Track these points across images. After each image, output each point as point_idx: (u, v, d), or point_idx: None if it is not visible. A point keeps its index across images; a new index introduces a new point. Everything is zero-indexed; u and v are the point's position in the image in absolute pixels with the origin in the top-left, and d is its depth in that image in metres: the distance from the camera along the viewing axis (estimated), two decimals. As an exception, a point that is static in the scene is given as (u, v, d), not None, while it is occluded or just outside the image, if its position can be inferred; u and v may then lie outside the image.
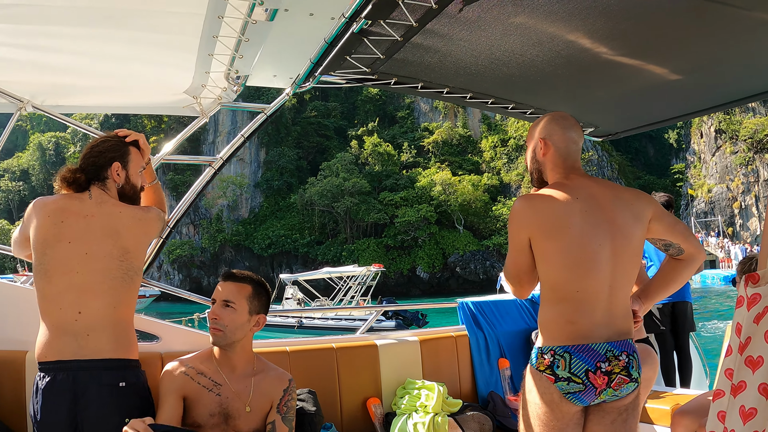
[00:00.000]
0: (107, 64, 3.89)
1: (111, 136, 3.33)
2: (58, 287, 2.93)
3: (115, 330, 2.96)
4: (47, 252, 2.97)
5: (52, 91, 4.28)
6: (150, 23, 3.32)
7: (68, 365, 2.84)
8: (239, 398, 3.02)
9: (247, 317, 3.09)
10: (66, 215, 3.03)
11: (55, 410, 2.80)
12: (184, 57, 3.63)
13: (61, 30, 3.46)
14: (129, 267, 3.05)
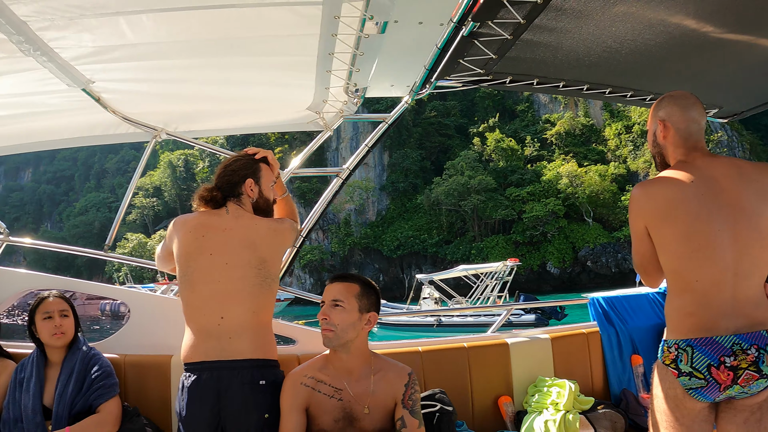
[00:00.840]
0: (232, 89, 4.17)
1: (242, 155, 3.57)
2: (201, 295, 3.19)
3: (255, 333, 3.17)
4: (191, 264, 3.24)
5: (184, 118, 4.67)
6: (269, 48, 3.55)
7: (212, 365, 3.08)
8: (360, 400, 3.07)
9: (358, 315, 3.11)
10: (206, 230, 3.29)
11: (199, 407, 3.05)
12: (304, 76, 3.83)
13: (189, 62, 3.78)
14: (266, 275, 3.26)
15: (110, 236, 4.79)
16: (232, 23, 3.29)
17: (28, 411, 3.51)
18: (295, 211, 3.81)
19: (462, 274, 36.94)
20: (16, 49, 3.50)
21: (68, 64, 3.75)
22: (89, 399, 3.56)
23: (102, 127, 4.79)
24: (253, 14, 3.19)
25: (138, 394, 3.93)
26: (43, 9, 3.17)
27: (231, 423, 3.04)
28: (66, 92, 4.10)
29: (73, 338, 3.72)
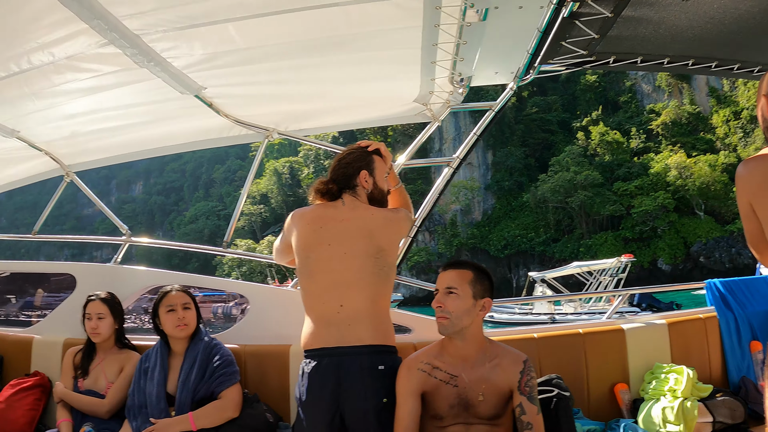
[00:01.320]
0: (340, 86, 4.30)
1: (355, 148, 3.64)
2: (321, 285, 3.28)
3: (373, 320, 3.23)
4: (310, 255, 3.34)
5: (294, 117, 4.84)
6: (374, 43, 3.64)
7: (332, 351, 3.16)
8: (475, 387, 3.07)
9: (472, 302, 3.11)
10: (324, 221, 3.38)
11: (319, 391, 3.13)
12: (410, 68, 3.90)
13: (297, 62, 3.92)
14: (384, 263, 3.31)
15: (228, 233, 5.04)
16: (336, 21, 3.39)
17: (152, 398, 3.74)
18: (409, 201, 3.84)
19: (575, 271, 36.08)
20: (130, 62, 3.73)
21: (180, 72, 3.97)
22: (211, 386, 3.75)
23: (216, 131, 5.06)
24: (356, 11, 3.27)
25: (257, 382, 4.10)
26: (155, 22, 3.36)
27: (349, 407, 3.10)
28: (180, 99, 4.34)
29: (195, 330, 3.92)
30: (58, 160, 5.73)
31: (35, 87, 4.16)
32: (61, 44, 3.61)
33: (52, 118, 4.76)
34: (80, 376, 4.15)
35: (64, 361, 4.30)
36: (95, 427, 3.87)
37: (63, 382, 4.18)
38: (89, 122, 4.88)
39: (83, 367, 4.17)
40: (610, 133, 76.78)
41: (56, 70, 3.92)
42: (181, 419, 3.61)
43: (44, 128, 5.01)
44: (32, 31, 3.48)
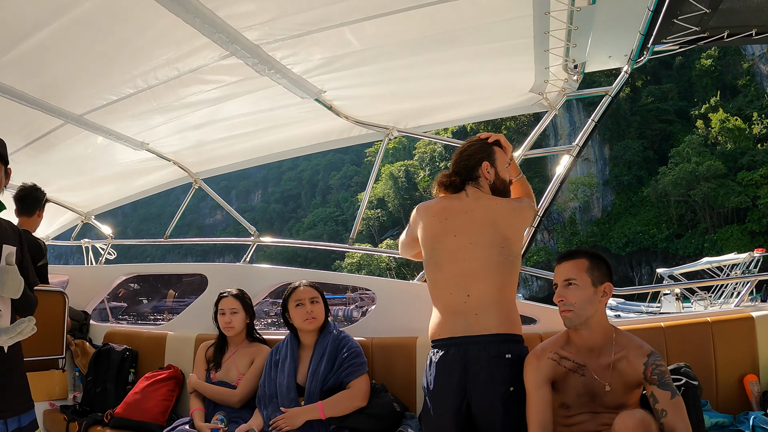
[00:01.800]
0: (456, 81, 4.33)
1: (475, 140, 3.64)
2: (447, 275, 3.31)
3: (500, 309, 3.21)
4: (436, 246, 3.38)
5: (412, 114, 4.93)
6: (486, 36, 3.65)
7: (459, 341, 3.17)
8: (601, 377, 3.00)
9: (592, 290, 3.04)
10: (449, 213, 3.41)
11: (447, 380, 3.16)
12: (523, 59, 3.89)
13: (413, 60, 3.99)
14: (509, 252, 3.30)
15: (354, 230, 5.18)
16: (449, 17, 3.42)
17: (282, 388, 3.88)
18: (531, 191, 3.81)
19: (705, 267, 34.32)
20: (251, 71, 3.92)
21: (300, 77, 4.13)
22: (340, 376, 3.84)
23: (336, 132, 5.22)
24: (467, 5, 3.30)
25: (385, 373, 4.18)
26: (273, 31, 3.51)
27: (477, 396, 3.10)
28: (300, 104, 4.51)
29: (324, 323, 4.04)
30: (185, 168, 6.09)
31: (162, 101, 4.44)
32: (185, 59, 3.85)
33: (178, 129, 5.08)
34: (212, 369, 4.37)
35: (197, 354, 4.56)
36: (227, 416, 4.05)
37: (196, 374, 4.42)
38: (214, 131, 5.15)
39: (215, 360, 4.39)
40: (731, 119, 72.65)
41: (181, 84, 4.17)
42: (311, 408, 3.72)
43: (171, 139, 5.35)
44: (158, 49, 3.73)
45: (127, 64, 3.93)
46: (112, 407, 4.67)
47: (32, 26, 3.41)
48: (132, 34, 3.56)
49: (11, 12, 3.26)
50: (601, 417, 2.97)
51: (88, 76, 4.13)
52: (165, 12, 3.19)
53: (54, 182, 6.14)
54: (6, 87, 4.08)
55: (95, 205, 7.19)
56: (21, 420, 2.93)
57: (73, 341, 5.43)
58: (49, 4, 3.21)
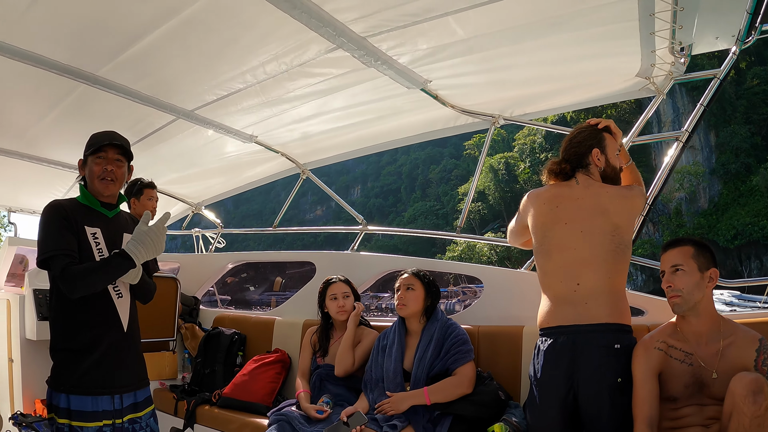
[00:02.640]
0: (561, 67, 4.30)
1: (585, 126, 3.64)
2: (558, 263, 3.32)
3: (610, 298, 3.20)
4: (547, 234, 3.40)
5: (518, 102, 4.92)
6: (590, 19, 3.60)
7: (568, 329, 3.18)
8: (709, 365, 2.96)
9: (699, 275, 3.02)
10: (559, 200, 3.42)
11: (554, 369, 3.17)
12: (628, 42, 3.81)
13: (517, 47, 3.99)
14: (620, 241, 3.28)
15: (462, 218, 5.31)
16: (553, 2, 3.43)
17: (389, 373, 4.00)
18: (641, 178, 3.76)
19: None
20: (358, 63, 4.02)
21: (406, 68, 4.21)
22: (446, 363, 3.90)
23: (442, 122, 5.29)
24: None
25: (490, 361, 4.20)
26: (378, 23, 3.59)
27: (584, 385, 3.10)
28: (406, 94, 4.60)
29: (433, 310, 4.13)
30: (293, 159, 6.32)
31: (270, 95, 4.63)
32: (292, 54, 3.99)
33: (286, 122, 5.27)
34: (319, 353, 4.55)
35: (304, 339, 4.75)
36: (332, 399, 4.21)
37: (302, 358, 4.62)
38: (320, 123, 5.31)
39: (322, 346, 4.57)
40: None
41: (289, 78, 4.33)
42: (417, 393, 3.80)
43: (279, 132, 5.55)
44: (266, 44, 3.89)
45: (235, 60, 4.11)
46: (219, 388, 4.96)
47: (143, 28, 3.63)
48: (240, 31, 3.73)
49: (123, 15, 3.48)
50: (707, 410, 2.93)
51: (198, 73, 4.35)
52: (272, 9, 3.32)
53: (165, 175, 6.52)
54: (120, 86, 4.35)
55: (205, 196, 7.54)
56: (137, 395, 3.14)
57: (183, 325, 5.77)
58: (159, 7, 3.41)
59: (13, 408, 5.52)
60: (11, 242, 6.45)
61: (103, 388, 2.97)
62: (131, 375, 3.14)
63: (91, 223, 3.06)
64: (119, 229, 3.19)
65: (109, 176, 3.09)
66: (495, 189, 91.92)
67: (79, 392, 2.92)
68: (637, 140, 4.39)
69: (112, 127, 3.35)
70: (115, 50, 3.92)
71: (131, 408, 3.09)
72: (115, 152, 3.12)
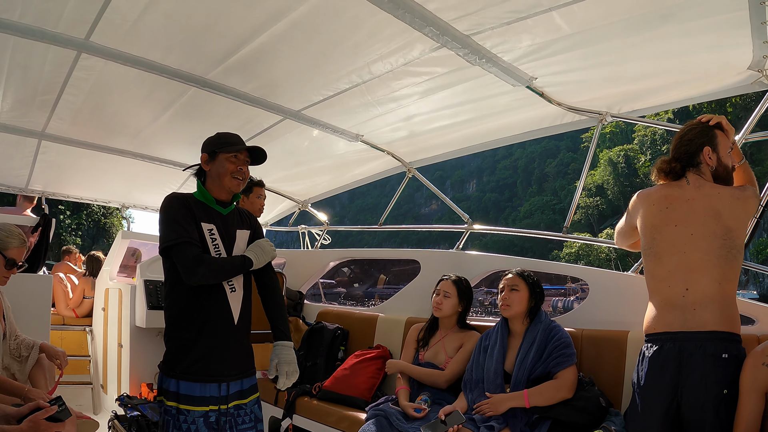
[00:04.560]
0: (670, 61, 4.20)
1: (696, 123, 3.54)
2: (667, 267, 3.24)
3: (719, 305, 3.10)
4: (656, 236, 3.33)
5: (626, 98, 4.83)
6: (699, 11, 3.50)
7: (675, 336, 3.11)
8: None
9: None
10: (669, 201, 3.35)
11: (659, 376, 3.10)
12: (738, 33, 3.68)
13: (624, 41, 3.92)
14: (732, 245, 3.17)
15: (568, 219, 5.26)
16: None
17: (490, 373, 4.02)
18: (754, 178, 3.60)
19: None
20: (462, 61, 4.06)
21: (511, 65, 4.22)
22: (548, 366, 3.89)
23: (549, 119, 5.26)
24: None
25: (593, 366, 4.15)
26: (482, 20, 3.62)
27: (688, 395, 3.02)
28: (511, 92, 4.61)
29: (536, 312, 4.13)
30: (399, 158, 6.41)
31: (376, 95, 4.74)
32: (397, 53, 4.08)
33: (391, 121, 5.37)
34: (421, 348, 4.63)
35: (409, 334, 4.82)
36: (431, 397, 4.27)
37: (405, 352, 4.71)
38: (425, 122, 5.38)
39: (425, 340, 4.65)
40: None
41: (394, 77, 4.43)
42: (516, 395, 3.81)
43: (385, 130, 5.66)
44: (371, 45, 3.99)
45: (341, 61, 4.24)
46: (320, 381, 5.11)
47: (251, 32, 3.82)
48: (345, 33, 3.84)
49: (231, 20, 3.68)
50: None
51: (305, 74, 4.50)
52: (376, 10, 3.41)
53: (273, 173, 6.78)
54: (229, 89, 4.60)
55: (311, 193, 7.76)
56: (243, 383, 3.31)
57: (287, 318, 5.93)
58: (266, 10, 3.57)
59: (120, 389, 5.89)
60: (124, 236, 6.87)
61: (211, 376, 3.14)
62: (239, 365, 3.30)
63: (208, 219, 3.25)
64: (233, 226, 3.37)
65: (240, 175, 3.30)
66: (614, 183, 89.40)
67: (188, 379, 3.10)
68: (751, 137, 4.22)
69: (221, 127, 3.56)
70: (223, 54, 4.15)
71: (237, 395, 3.26)
72: (247, 155, 3.34)
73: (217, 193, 3.31)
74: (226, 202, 3.36)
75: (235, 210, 3.46)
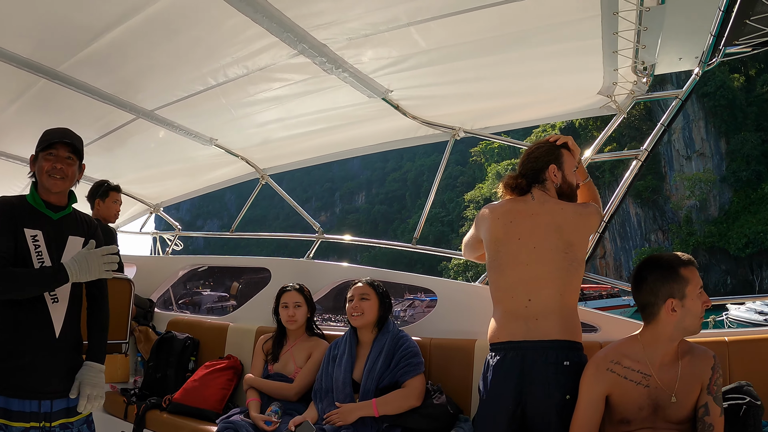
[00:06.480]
0: (523, 82, 4.46)
1: (543, 142, 3.75)
2: (510, 279, 3.41)
3: (561, 315, 3.30)
4: (500, 249, 3.49)
5: (479, 116, 5.08)
6: (554, 36, 3.75)
7: (518, 345, 3.28)
8: (668, 387, 3.00)
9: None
10: (514, 215, 3.52)
11: (503, 384, 3.26)
12: (591, 60, 3.96)
13: (480, 61, 4.13)
14: (573, 258, 3.38)
15: (417, 230, 5.58)
16: (516, 17, 3.56)
17: (339, 383, 4.12)
18: (598, 196, 3.90)
19: None
20: (319, 70, 4.17)
21: (367, 77, 4.36)
22: (396, 375, 4.04)
23: (402, 132, 5.44)
24: (535, 5, 3.42)
25: (441, 375, 4.32)
26: (341, 31, 3.76)
27: (532, 401, 3.20)
28: (367, 103, 4.75)
29: (384, 321, 4.25)
30: (253, 164, 6.49)
31: (231, 98, 4.77)
32: (254, 57, 4.13)
33: (246, 126, 5.42)
34: (270, 361, 4.68)
35: (256, 346, 4.88)
36: (282, 408, 4.31)
37: (254, 365, 4.74)
38: (281, 129, 5.47)
39: (273, 353, 4.70)
40: None
41: (250, 82, 4.47)
42: (365, 404, 3.92)
43: (239, 136, 5.71)
44: (228, 47, 4.03)
45: (197, 62, 4.24)
46: (171, 393, 5.04)
47: (106, 25, 3.73)
48: (203, 33, 3.86)
49: (86, 10, 3.58)
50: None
51: (160, 73, 4.47)
52: (235, 12, 3.43)
53: (124, 174, 6.66)
54: (80, 83, 4.48)
55: (164, 197, 7.69)
56: (69, 401, 3.21)
57: (137, 327, 5.91)
58: (122, 3, 3.50)
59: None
60: None
61: (30, 392, 3.05)
62: (64, 381, 3.20)
63: (33, 225, 3.14)
64: (64, 232, 3.26)
65: (57, 173, 3.18)
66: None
67: (6, 393, 3.00)
68: (596, 157, 4.48)
69: (71, 123, 3.50)
70: (76, 46, 4.01)
71: (63, 413, 3.18)
72: (66, 150, 3.22)
73: (46, 195, 3.22)
74: (57, 205, 3.27)
75: (71, 215, 3.36)
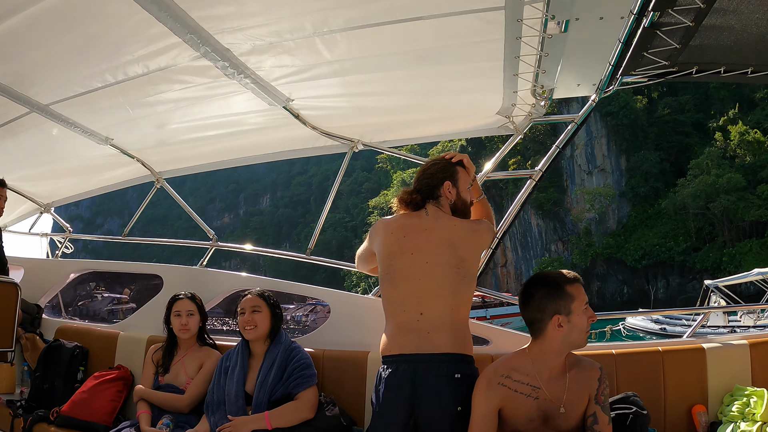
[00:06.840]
0: (424, 98, 4.55)
1: (439, 159, 3.82)
2: (403, 293, 3.46)
3: (452, 328, 3.38)
4: (393, 263, 3.54)
5: (379, 129, 5.15)
6: (457, 56, 3.86)
7: (409, 358, 3.34)
8: (556, 399, 3.12)
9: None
10: (407, 230, 3.57)
11: (395, 397, 3.31)
12: (491, 81, 4.08)
13: (382, 75, 4.20)
14: (465, 273, 3.47)
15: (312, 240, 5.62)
16: (421, 35, 3.63)
17: (231, 395, 4.08)
18: (491, 213, 3.99)
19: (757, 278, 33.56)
20: (221, 74, 4.11)
21: (269, 84, 4.35)
22: (288, 387, 4.04)
23: (302, 141, 5.44)
24: (440, 24, 3.49)
25: (334, 386, 4.37)
26: (245, 36, 3.73)
27: (424, 413, 3.26)
28: (268, 111, 4.74)
29: (277, 332, 4.24)
30: (148, 166, 6.33)
31: (130, 97, 4.64)
32: (155, 57, 4.03)
33: (143, 127, 5.28)
34: (161, 372, 4.59)
35: (147, 356, 4.77)
36: (173, 420, 4.24)
37: (144, 376, 4.63)
38: (180, 132, 5.38)
39: (164, 363, 4.61)
40: (751, 132, 71.57)
41: (150, 81, 4.36)
42: (257, 417, 3.90)
43: (136, 136, 5.56)
44: (128, 45, 3.92)
45: (97, 57, 4.09)
46: (59, 405, 4.80)
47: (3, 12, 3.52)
48: (103, 28, 3.72)
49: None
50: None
51: (57, 66, 4.28)
52: (138, 9, 3.34)
53: (15, 171, 6.34)
54: None
55: (56, 197, 7.39)
56: None
57: (23, 334, 5.59)
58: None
59: None
60: None
61: None
62: None
63: None
64: None
65: None
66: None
67: None
68: (492, 176, 4.59)
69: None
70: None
71: None
72: None
73: None
74: None
75: None
